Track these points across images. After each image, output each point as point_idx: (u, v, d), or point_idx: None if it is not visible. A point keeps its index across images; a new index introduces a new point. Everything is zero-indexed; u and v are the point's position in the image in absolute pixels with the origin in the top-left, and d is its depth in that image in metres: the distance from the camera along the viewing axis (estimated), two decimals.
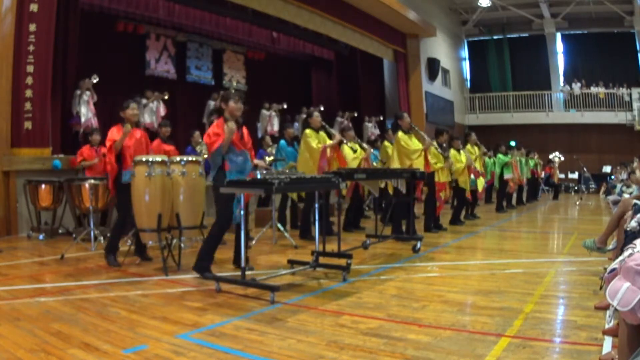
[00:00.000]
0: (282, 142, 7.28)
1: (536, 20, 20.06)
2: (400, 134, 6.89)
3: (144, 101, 9.83)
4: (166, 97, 10.17)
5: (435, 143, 7.50)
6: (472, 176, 8.87)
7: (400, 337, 2.88)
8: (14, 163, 7.07)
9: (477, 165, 9.11)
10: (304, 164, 6.47)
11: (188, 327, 3.06)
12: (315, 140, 6.49)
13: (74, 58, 9.12)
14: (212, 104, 11.22)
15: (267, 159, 7.09)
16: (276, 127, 12.34)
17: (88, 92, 8.80)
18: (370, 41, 14.25)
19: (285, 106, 12.75)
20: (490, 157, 10.64)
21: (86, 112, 8.76)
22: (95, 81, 8.87)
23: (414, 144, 6.97)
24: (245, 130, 4.63)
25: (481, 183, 9.42)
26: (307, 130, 6.57)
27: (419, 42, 16.52)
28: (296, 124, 13.29)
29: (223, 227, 4.41)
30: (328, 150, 6.46)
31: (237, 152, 4.45)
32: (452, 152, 8.11)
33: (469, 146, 9.12)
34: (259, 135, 12.31)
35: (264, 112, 12.37)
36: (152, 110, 9.89)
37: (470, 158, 8.52)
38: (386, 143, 8.44)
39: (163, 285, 4.21)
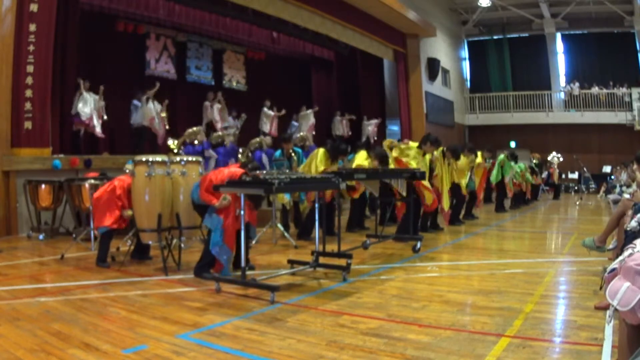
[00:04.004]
0: (278, 152, 7.29)
1: (536, 20, 20.05)
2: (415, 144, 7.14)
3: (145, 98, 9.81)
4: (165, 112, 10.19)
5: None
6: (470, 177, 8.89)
7: (400, 337, 2.88)
8: (14, 163, 7.07)
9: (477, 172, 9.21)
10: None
11: (188, 327, 3.06)
12: (321, 163, 6.58)
13: (74, 58, 9.12)
14: (208, 104, 11.22)
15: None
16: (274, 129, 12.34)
17: (95, 95, 8.80)
18: (370, 41, 14.25)
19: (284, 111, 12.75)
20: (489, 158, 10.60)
21: (88, 111, 8.75)
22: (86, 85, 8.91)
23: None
24: None
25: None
26: (322, 150, 6.73)
27: (419, 42, 16.51)
28: (294, 123, 13.32)
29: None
30: None
31: None
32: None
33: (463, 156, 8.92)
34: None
35: (266, 110, 12.36)
36: (154, 109, 9.90)
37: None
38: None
39: (163, 285, 4.21)
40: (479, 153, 9.28)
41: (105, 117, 9.09)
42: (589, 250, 4.54)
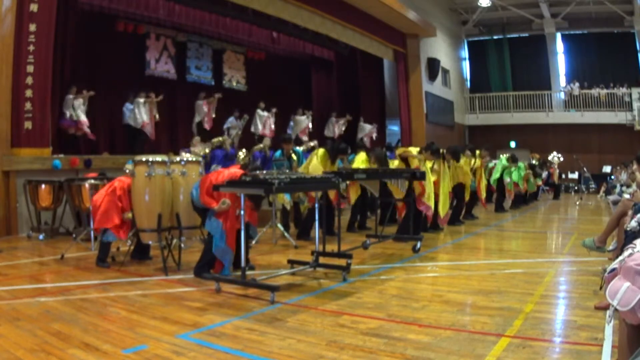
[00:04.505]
0: (279, 152, 7.30)
1: (536, 20, 20.05)
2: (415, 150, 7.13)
3: (141, 100, 9.80)
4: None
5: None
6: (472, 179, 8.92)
7: (400, 337, 2.88)
8: (14, 163, 7.07)
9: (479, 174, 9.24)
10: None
11: (188, 327, 3.06)
12: (321, 163, 6.62)
13: (74, 58, 9.12)
14: (200, 103, 11.21)
15: None
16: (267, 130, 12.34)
17: (81, 99, 8.79)
18: (370, 41, 14.25)
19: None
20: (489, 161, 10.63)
21: (78, 112, 8.75)
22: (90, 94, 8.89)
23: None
24: None
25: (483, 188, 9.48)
26: (322, 150, 6.75)
27: (419, 42, 16.51)
28: (291, 123, 13.32)
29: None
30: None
31: None
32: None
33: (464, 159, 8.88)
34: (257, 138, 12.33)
35: (260, 112, 12.36)
36: (149, 109, 9.90)
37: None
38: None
39: (163, 285, 4.21)
40: (477, 152, 9.28)
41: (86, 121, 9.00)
42: (589, 250, 4.54)
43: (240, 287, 3.97)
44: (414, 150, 7.17)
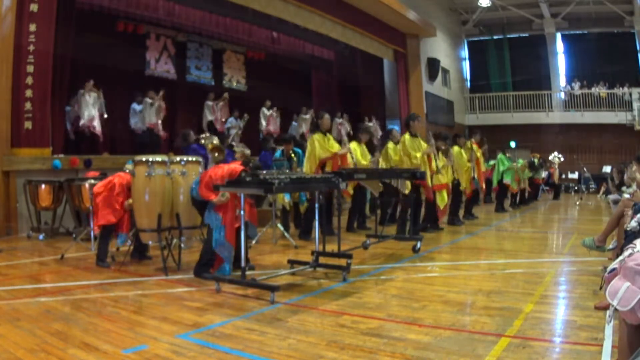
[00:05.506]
0: (278, 152, 7.30)
1: (536, 20, 20.05)
2: (406, 136, 7.02)
3: (150, 101, 9.81)
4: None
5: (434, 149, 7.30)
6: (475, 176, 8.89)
7: (400, 337, 2.88)
8: (14, 163, 7.07)
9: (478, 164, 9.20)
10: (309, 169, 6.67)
11: (188, 327, 3.06)
12: (321, 146, 6.63)
13: (74, 58, 9.11)
14: (210, 104, 11.27)
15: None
16: (272, 127, 12.39)
17: (93, 94, 8.80)
18: (370, 41, 14.25)
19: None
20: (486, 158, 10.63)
21: (91, 112, 8.76)
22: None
23: (418, 146, 7.01)
24: None
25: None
26: (316, 135, 6.76)
27: (419, 42, 16.51)
28: (294, 123, 13.34)
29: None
30: (339, 160, 6.72)
31: None
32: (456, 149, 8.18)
33: (470, 145, 9.04)
34: (260, 136, 12.37)
35: (265, 110, 12.39)
36: (157, 110, 9.92)
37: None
38: (390, 145, 7.91)
39: (163, 285, 4.21)
40: (468, 143, 9.15)
41: (105, 115, 9.06)
42: (589, 250, 4.53)
43: (240, 287, 3.97)
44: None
